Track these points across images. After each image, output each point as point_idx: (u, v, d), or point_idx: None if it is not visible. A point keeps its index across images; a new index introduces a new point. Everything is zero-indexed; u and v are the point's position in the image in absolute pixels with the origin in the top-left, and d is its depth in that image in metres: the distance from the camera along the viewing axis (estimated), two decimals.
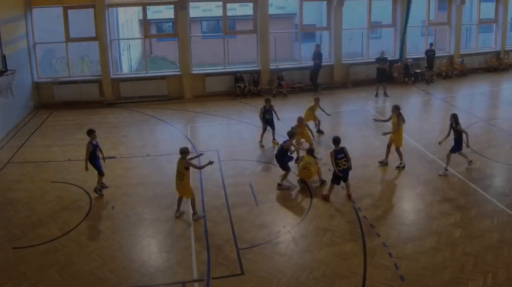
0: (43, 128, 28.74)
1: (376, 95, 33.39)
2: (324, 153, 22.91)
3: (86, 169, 19.53)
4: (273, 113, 24.74)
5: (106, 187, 20.19)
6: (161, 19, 52.92)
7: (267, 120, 24.63)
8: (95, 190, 19.72)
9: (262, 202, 18.97)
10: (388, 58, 34.88)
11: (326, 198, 18.80)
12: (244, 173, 21.67)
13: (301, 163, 20.26)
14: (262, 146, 24.52)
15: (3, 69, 21.33)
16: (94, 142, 19.73)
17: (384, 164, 21.79)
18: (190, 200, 17.77)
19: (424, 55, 37.42)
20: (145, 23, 35.85)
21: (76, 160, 23.27)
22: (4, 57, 21.40)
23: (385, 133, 21.62)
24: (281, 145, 20.45)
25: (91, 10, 33.23)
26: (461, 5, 38.87)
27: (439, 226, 16.76)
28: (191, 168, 17.46)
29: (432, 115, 30.28)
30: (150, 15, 40.53)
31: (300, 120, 22.76)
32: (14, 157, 24.41)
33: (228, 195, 19.56)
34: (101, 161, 20.14)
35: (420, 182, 20.35)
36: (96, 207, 18.92)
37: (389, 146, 21.65)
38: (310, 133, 23.10)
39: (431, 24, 40.23)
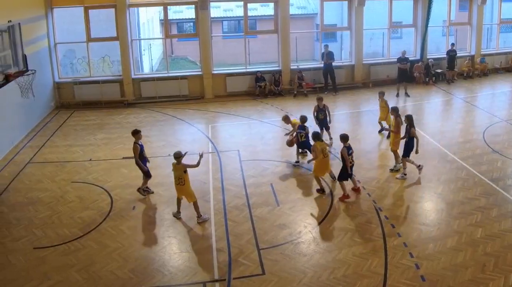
0: (63, 129, 28.77)
1: (397, 95, 33.16)
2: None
3: (144, 169, 19.58)
4: (327, 114, 24.24)
5: (152, 192, 20.04)
6: (182, 19, 53.15)
7: (320, 120, 24.21)
8: (138, 190, 19.71)
9: (283, 202, 18.86)
10: (409, 58, 34.56)
11: (346, 197, 18.71)
12: (265, 173, 21.53)
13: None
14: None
15: (24, 69, 21.31)
16: (139, 143, 19.58)
17: (397, 170, 21.39)
18: (192, 203, 17.61)
19: (445, 55, 37.11)
20: (166, 23, 35.81)
21: (96, 160, 23.30)
22: (25, 57, 21.38)
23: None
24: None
25: (112, 10, 33.23)
26: (482, 5, 38.44)
27: (459, 226, 16.66)
28: (188, 171, 17.35)
29: (453, 116, 29.88)
30: (171, 15, 40.64)
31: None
32: (35, 157, 24.45)
33: (249, 195, 19.45)
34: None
35: (441, 182, 20.13)
36: (117, 207, 18.86)
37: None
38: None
39: (452, 24, 39.83)
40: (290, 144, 22.12)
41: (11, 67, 20.13)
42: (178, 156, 17.14)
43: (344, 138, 18.88)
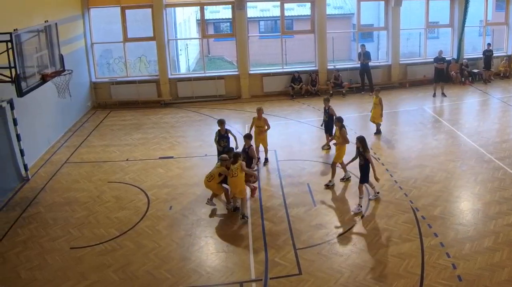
0: (100, 128, 28.91)
1: (434, 95, 32.81)
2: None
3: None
4: (332, 116, 23.21)
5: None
6: (219, 19, 53.23)
7: (325, 122, 23.77)
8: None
9: (320, 202, 18.83)
10: (446, 58, 34.16)
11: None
12: (302, 173, 21.43)
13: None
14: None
15: (61, 69, 21.36)
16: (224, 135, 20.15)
17: (347, 179, 20.68)
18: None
19: (481, 55, 36.66)
20: (202, 23, 35.84)
21: (133, 160, 23.34)
22: (61, 57, 21.44)
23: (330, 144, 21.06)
24: None
25: (149, 10, 33.28)
26: None
27: (496, 226, 16.52)
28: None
29: (490, 116, 29.40)
30: (207, 15, 40.73)
31: None
32: (71, 156, 24.59)
33: (286, 195, 19.42)
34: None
35: (478, 182, 19.94)
36: (154, 207, 18.85)
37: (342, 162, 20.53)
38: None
39: (489, 24, 39.17)
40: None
41: (48, 67, 20.16)
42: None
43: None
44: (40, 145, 24.74)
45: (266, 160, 22.31)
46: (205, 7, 34.99)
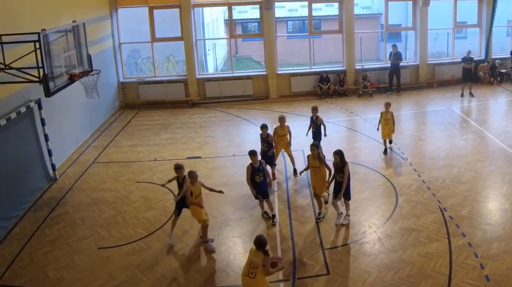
0: (128, 128, 29.00)
1: (462, 95, 32.62)
2: None
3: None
4: (321, 126, 22.28)
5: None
6: (247, 19, 53.40)
7: (313, 133, 22.55)
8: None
9: None
10: (474, 58, 33.84)
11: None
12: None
13: None
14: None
15: (89, 69, 21.39)
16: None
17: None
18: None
19: (509, 55, 36.26)
20: (230, 23, 35.77)
21: (161, 160, 23.34)
22: (89, 57, 21.46)
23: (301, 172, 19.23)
24: None
25: (177, 10, 33.34)
26: None
27: None
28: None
29: None
30: (235, 15, 40.68)
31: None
32: (99, 156, 24.70)
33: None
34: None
35: (506, 182, 19.84)
36: None
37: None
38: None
39: None
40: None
41: (76, 67, 20.16)
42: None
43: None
44: (68, 145, 24.83)
45: (295, 171, 21.39)
46: (233, 7, 34.90)
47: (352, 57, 35.15)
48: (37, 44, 16.93)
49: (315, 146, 17.77)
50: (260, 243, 12.04)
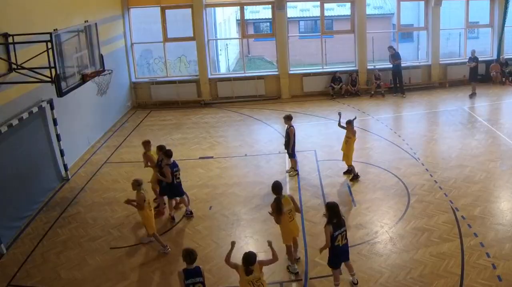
0: (140, 128, 29.01)
1: (470, 95, 32.43)
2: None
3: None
4: (288, 135, 21.26)
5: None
6: (259, 19, 53.43)
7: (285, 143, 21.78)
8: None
9: (360, 202, 18.74)
10: (479, 58, 33.66)
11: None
12: (341, 173, 21.25)
13: None
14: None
15: (101, 69, 21.43)
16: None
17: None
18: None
19: None
20: (242, 23, 35.75)
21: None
22: (101, 57, 21.50)
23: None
24: None
25: (189, 10, 33.32)
26: None
27: None
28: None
29: None
30: (247, 15, 40.73)
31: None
32: (111, 156, 24.70)
33: (326, 195, 19.33)
34: None
35: None
36: (193, 207, 18.78)
37: None
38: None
39: None
40: None
41: (88, 67, 20.22)
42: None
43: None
44: (80, 145, 24.85)
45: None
46: (245, 7, 34.90)
47: (364, 57, 35.04)
48: (49, 44, 17.00)
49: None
50: (248, 259, 12.27)
